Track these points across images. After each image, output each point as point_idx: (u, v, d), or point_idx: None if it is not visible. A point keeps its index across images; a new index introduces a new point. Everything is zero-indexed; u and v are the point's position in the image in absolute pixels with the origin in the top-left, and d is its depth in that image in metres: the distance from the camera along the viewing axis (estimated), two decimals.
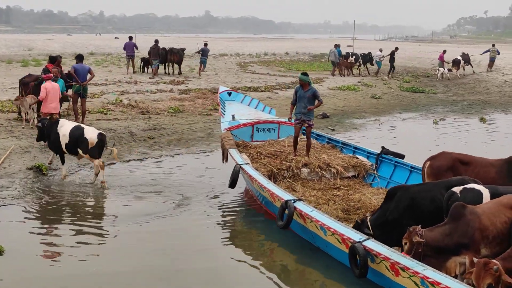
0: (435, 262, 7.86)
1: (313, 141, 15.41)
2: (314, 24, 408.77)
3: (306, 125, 13.84)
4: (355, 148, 14.79)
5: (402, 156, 13.36)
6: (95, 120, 19.31)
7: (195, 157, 16.90)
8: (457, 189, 8.74)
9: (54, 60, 18.75)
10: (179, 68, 35.26)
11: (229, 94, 18.40)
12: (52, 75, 16.18)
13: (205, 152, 17.38)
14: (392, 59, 40.02)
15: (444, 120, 24.99)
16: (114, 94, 21.89)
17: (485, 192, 8.76)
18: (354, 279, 8.75)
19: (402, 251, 8.25)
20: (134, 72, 34.63)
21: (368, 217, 9.49)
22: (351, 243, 8.62)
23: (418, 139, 19.85)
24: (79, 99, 18.46)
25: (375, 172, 13.57)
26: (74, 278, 9.00)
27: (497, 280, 6.79)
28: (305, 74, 13.95)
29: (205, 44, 37.13)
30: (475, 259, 7.17)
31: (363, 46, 62.70)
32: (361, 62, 41.12)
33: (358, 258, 8.42)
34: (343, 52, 41.49)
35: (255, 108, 17.63)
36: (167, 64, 34.95)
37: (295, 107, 13.93)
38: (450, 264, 7.89)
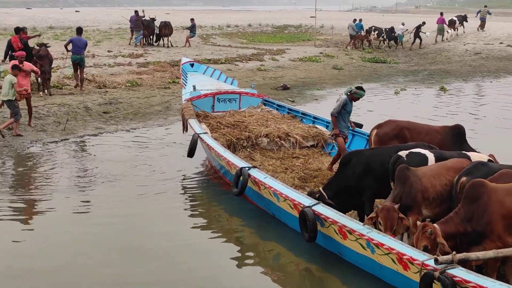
0: None
1: (274, 111, 15.36)
2: None
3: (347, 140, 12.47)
4: (315, 118, 14.79)
5: (360, 126, 13.33)
6: (49, 95, 18.80)
7: (152, 130, 16.58)
8: (403, 153, 8.84)
9: (18, 31, 19.67)
10: (169, 40, 36.14)
11: (192, 65, 18.50)
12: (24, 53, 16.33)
13: (162, 126, 17.06)
14: (417, 32, 39.85)
15: (405, 90, 24.95)
16: (70, 68, 21.33)
17: (430, 156, 8.87)
18: (306, 246, 8.85)
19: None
20: (129, 44, 35.74)
21: (321, 188, 9.37)
22: (302, 208, 8.64)
23: (377, 109, 19.73)
24: (78, 68, 20.15)
25: (334, 141, 13.47)
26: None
27: (433, 243, 6.93)
28: (363, 89, 11.86)
29: (192, 20, 38.24)
30: (418, 222, 7.30)
31: (327, 17, 62.53)
32: (385, 37, 40.87)
33: (307, 222, 8.45)
34: (366, 27, 41.52)
35: (217, 79, 17.70)
36: (161, 37, 36.16)
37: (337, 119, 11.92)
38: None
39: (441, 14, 41.81)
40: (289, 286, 8.19)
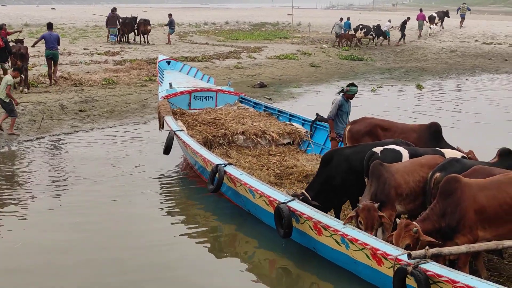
0: None
1: (250, 109, 15.40)
2: None
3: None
4: (291, 115, 14.84)
5: None
6: (24, 93, 18.64)
7: (128, 128, 16.51)
8: (377, 149, 8.86)
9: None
10: (147, 38, 36.33)
11: (168, 63, 18.54)
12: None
13: (138, 124, 17.00)
14: (403, 28, 40.45)
15: (382, 87, 25.09)
16: (45, 66, 21.17)
17: (405, 153, 8.90)
18: (282, 242, 8.92)
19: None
20: (107, 41, 35.79)
21: (305, 192, 9.32)
22: (277, 204, 8.68)
23: (353, 106, 19.71)
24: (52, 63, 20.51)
25: (310, 139, 13.59)
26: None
27: (415, 241, 6.96)
28: (354, 84, 11.99)
29: (170, 15, 38.16)
30: (398, 220, 7.33)
31: (304, 15, 62.67)
32: (373, 35, 41.03)
33: (283, 218, 8.49)
34: (353, 25, 41.80)
35: (194, 76, 17.74)
36: (138, 34, 36.26)
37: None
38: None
39: (421, 10, 42.44)
40: (265, 282, 8.19)
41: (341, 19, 42.20)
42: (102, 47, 32.87)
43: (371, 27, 41.28)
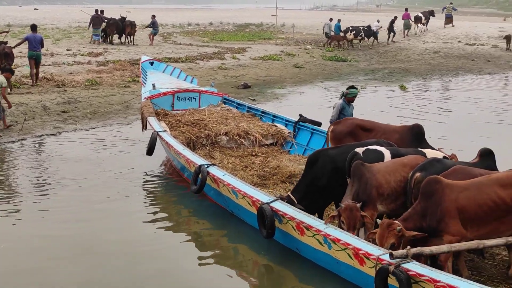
0: None
1: (233, 109, 15.40)
2: None
3: None
4: (274, 116, 14.84)
5: (319, 124, 13.42)
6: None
7: (112, 129, 16.44)
8: (359, 150, 8.89)
9: None
10: (133, 39, 36.48)
11: (151, 63, 18.45)
12: None
13: (122, 125, 16.93)
14: (391, 27, 40.74)
15: (365, 88, 25.14)
16: (28, 67, 21.06)
17: (387, 153, 8.96)
18: (265, 243, 8.95)
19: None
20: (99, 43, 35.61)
21: (290, 194, 9.28)
22: (260, 205, 8.69)
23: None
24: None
25: (293, 139, 13.62)
26: None
27: (399, 239, 7.00)
28: (354, 87, 12.03)
29: (153, 16, 38.21)
30: (378, 221, 7.33)
31: (288, 16, 62.75)
32: (363, 36, 41.04)
33: (265, 219, 8.50)
34: (343, 27, 41.76)
35: (177, 77, 17.69)
36: (124, 35, 36.35)
37: None
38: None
39: (406, 10, 42.95)
40: (247, 283, 8.22)
41: (331, 19, 42.28)
42: (85, 48, 32.70)
43: (361, 28, 41.39)
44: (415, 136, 10.20)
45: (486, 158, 8.43)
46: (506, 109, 21.18)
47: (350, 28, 41.47)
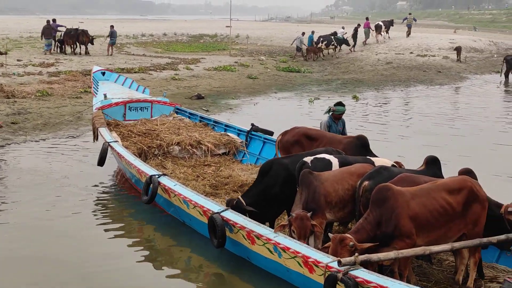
0: None
1: (186, 119, 15.37)
2: (195, 5, 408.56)
3: None
4: (227, 126, 14.88)
5: (271, 133, 13.50)
6: None
7: (63, 140, 16.20)
8: (308, 159, 8.97)
9: None
10: (87, 49, 36.87)
11: (103, 73, 18.24)
12: None
13: (73, 136, 16.71)
14: (355, 35, 41.67)
15: (319, 99, 25.33)
16: None
17: (335, 161, 9.07)
18: (216, 252, 8.94)
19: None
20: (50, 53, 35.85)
21: (240, 198, 9.29)
22: (211, 214, 8.69)
23: (290, 117, 19.99)
24: None
25: (245, 148, 13.66)
26: None
27: (352, 254, 6.95)
28: (341, 104, 11.87)
29: (111, 26, 38.22)
30: (330, 235, 7.31)
31: (243, 27, 62.91)
32: (336, 44, 41.39)
33: (216, 228, 8.51)
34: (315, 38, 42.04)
35: (129, 87, 17.57)
36: (78, 45, 36.96)
37: None
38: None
39: (367, 19, 44.12)
40: None
41: (303, 33, 42.56)
42: (37, 58, 32.32)
43: (332, 37, 41.87)
44: (359, 147, 10.31)
45: (432, 165, 8.60)
46: (452, 118, 21.69)
47: (321, 38, 41.87)
